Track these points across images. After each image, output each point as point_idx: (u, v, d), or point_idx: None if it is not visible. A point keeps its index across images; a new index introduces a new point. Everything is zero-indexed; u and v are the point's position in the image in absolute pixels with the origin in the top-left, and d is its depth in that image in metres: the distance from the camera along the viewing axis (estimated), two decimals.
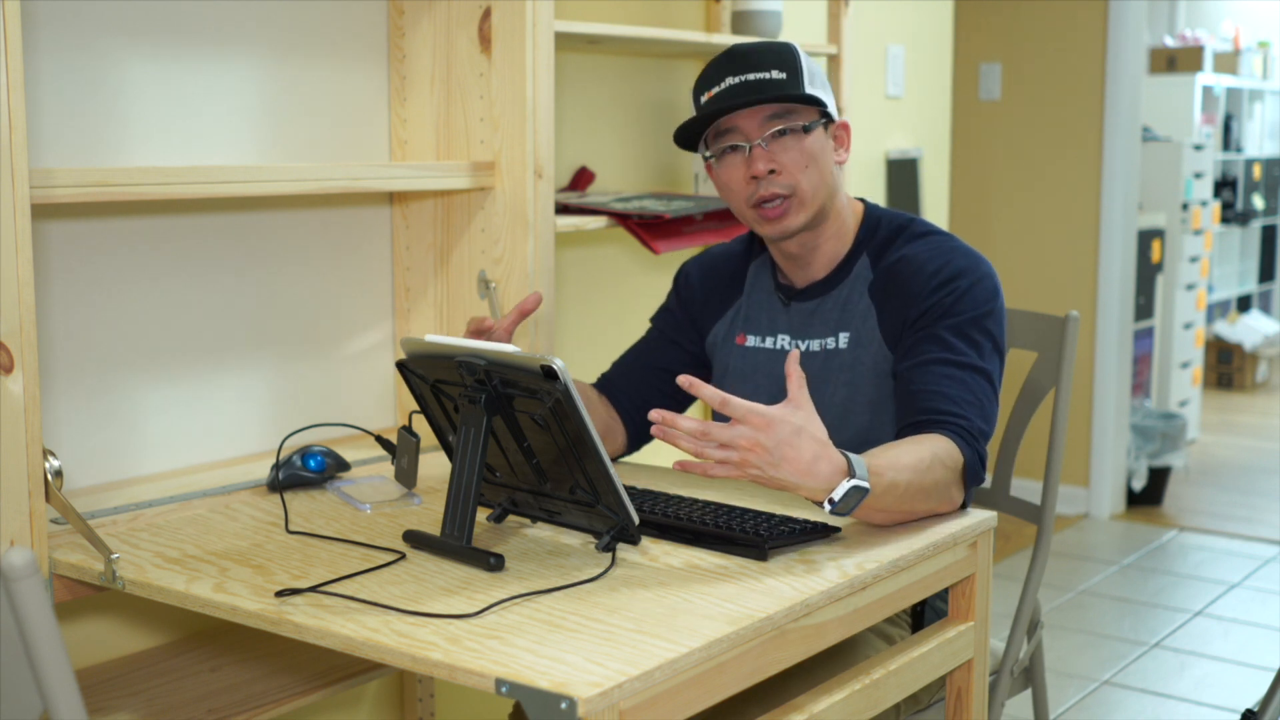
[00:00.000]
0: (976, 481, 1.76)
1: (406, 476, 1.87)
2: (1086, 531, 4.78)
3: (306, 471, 1.92)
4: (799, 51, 1.86)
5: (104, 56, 1.90)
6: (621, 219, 2.47)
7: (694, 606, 1.41)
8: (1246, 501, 5.17)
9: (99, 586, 1.60)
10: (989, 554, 1.76)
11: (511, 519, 1.74)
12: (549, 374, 1.46)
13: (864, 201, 1.98)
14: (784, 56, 1.84)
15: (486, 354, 1.54)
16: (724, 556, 1.58)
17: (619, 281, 2.87)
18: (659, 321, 2.10)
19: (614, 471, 1.52)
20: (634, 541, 1.60)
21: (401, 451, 1.87)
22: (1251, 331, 7.52)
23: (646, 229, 2.49)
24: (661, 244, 2.49)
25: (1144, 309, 5.37)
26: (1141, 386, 5.46)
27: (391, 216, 2.33)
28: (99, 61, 1.90)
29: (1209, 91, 7.03)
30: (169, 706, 1.81)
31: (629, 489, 1.67)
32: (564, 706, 1.18)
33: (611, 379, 2.07)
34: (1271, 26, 8.45)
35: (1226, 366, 7.53)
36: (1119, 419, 4.95)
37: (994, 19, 5.02)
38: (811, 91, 1.83)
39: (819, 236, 1.91)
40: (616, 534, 1.57)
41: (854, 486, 1.54)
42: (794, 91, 1.81)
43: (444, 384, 1.64)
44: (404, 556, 1.59)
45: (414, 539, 1.63)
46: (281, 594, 1.46)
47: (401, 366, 1.69)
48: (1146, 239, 5.33)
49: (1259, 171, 7.90)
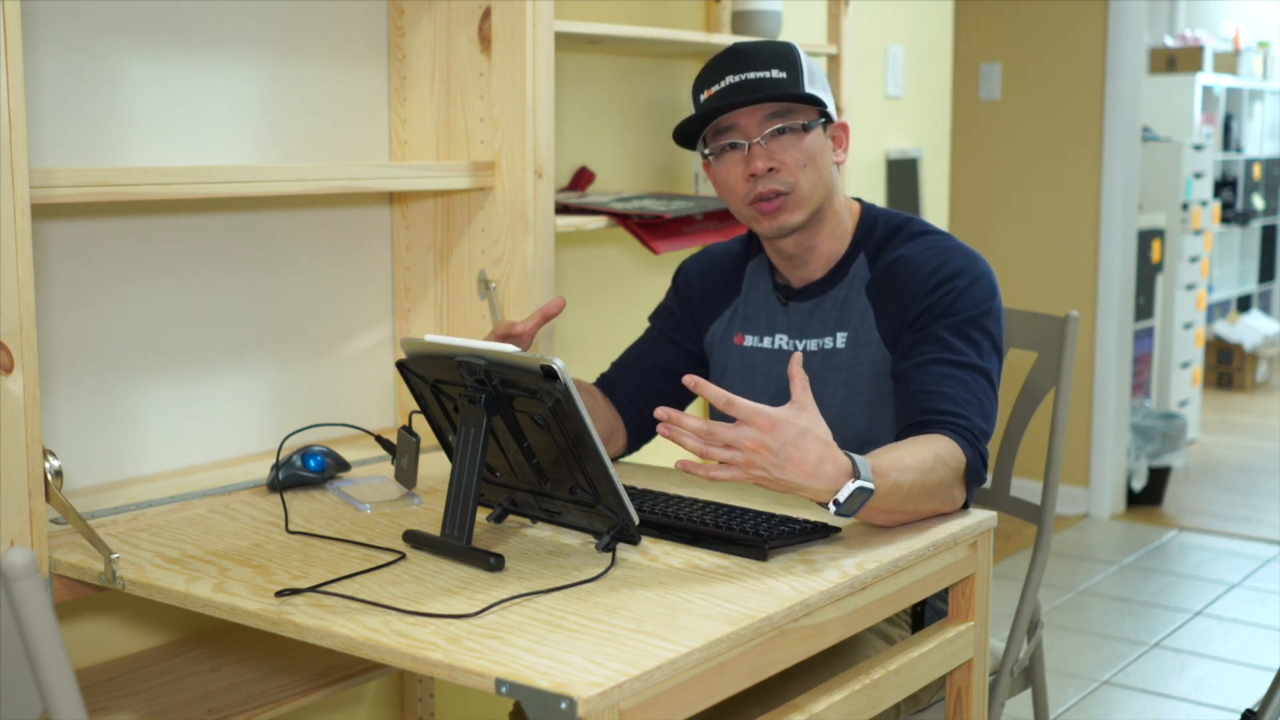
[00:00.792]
0: (978, 481, 1.76)
1: (406, 476, 1.87)
2: (1086, 531, 4.78)
3: (306, 471, 1.92)
4: (799, 51, 1.86)
5: (104, 56, 1.90)
6: (621, 219, 2.47)
7: (694, 606, 1.41)
8: (1246, 501, 5.17)
9: (99, 586, 1.60)
10: (989, 554, 1.76)
11: (511, 519, 1.74)
12: (549, 374, 1.46)
13: (861, 201, 1.98)
14: (784, 56, 1.84)
15: (486, 354, 1.54)
16: (724, 556, 1.58)
17: (619, 281, 2.87)
18: (658, 320, 2.10)
19: (614, 471, 1.52)
20: (634, 541, 1.60)
21: (401, 451, 1.87)
22: (1251, 331, 7.52)
23: (646, 229, 2.49)
24: (661, 244, 2.49)
25: (1144, 309, 5.37)
26: (1141, 386, 5.46)
27: (391, 216, 2.33)
28: (99, 61, 1.90)
29: (1209, 91, 7.03)
30: (169, 706, 1.81)
31: (629, 489, 1.67)
32: (564, 706, 1.18)
33: (611, 379, 2.07)
34: (1271, 26, 8.45)
35: (1226, 366, 7.53)
36: (1119, 419, 4.95)
37: (994, 19, 5.02)
38: (811, 91, 1.83)
39: (816, 236, 1.91)
40: (616, 534, 1.57)
41: (859, 488, 1.54)
42: (794, 90, 1.81)
43: (444, 384, 1.64)
44: (404, 556, 1.59)
45: (414, 539, 1.63)
46: (281, 594, 1.46)
47: (401, 366, 1.69)
48: (1146, 239, 5.33)
49: (1259, 171, 7.90)
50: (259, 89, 2.11)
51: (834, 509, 1.55)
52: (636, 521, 1.56)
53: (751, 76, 1.82)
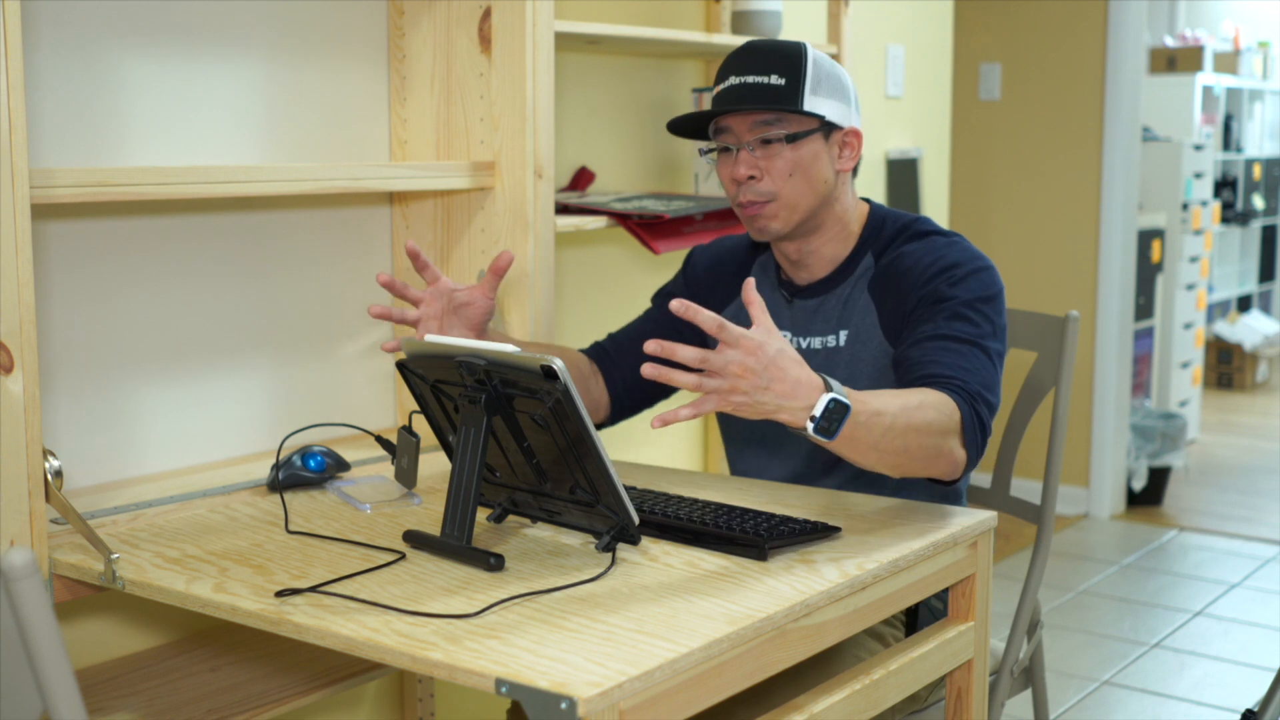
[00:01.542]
0: (979, 441, 1.72)
1: (406, 476, 1.87)
2: (1086, 531, 4.78)
3: (306, 471, 1.92)
4: (807, 56, 1.85)
5: (104, 56, 1.90)
6: (621, 219, 2.47)
7: (694, 606, 1.41)
8: (1246, 501, 5.17)
9: (99, 586, 1.60)
10: (989, 554, 1.76)
11: (511, 519, 1.74)
12: (549, 374, 1.46)
13: (870, 202, 1.98)
14: (789, 61, 1.83)
15: (486, 354, 1.54)
16: (724, 556, 1.58)
17: (619, 281, 2.87)
18: (662, 304, 2.10)
19: (614, 471, 1.52)
20: (634, 541, 1.60)
21: (401, 451, 1.87)
22: (1251, 331, 7.52)
23: (646, 229, 2.49)
24: (661, 244, 2.49)
25: (1144, 309, 5.37)
26: (1141, 386, 5.46)
27: (391, 216, 2.33)
28: (99, 61, 1.90)
29: (1209, 91, 7.03)
30: (169, 706, 1.81)
31: (629, 489, 1.67)
32: (564, 706, 1.18)
33: (606, 350, 2.07)
34: (1271, 26, 8.45)
35: (1226, 366, 7.53)
36: (1119, 419, 4.95)
37: (994, 19, 5.02)
38: (812, 100, 1.82)
39: (814, 241, 1.92)
40: (616, 534, 1.57)
41: (832, 399, 1.51)
42: (784, 104, 1.81)
43: (444, 384, 1.64)
44: (404, 556, 1.59)
45: (414, 539, 1.63)
46: (281, 594, 1.46)
47: (401, 366, 1.69)
48: (1146, 239, 5.33)
49: (1259, 171, 7.90)
50: (259, 89, 2.11)
51: (811, 427, 1.51)
52: (636, 521, 1.56)
53: (750, 80, 1.82)
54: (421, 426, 1.88)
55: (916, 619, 1.88)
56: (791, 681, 1.62)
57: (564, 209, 2.45)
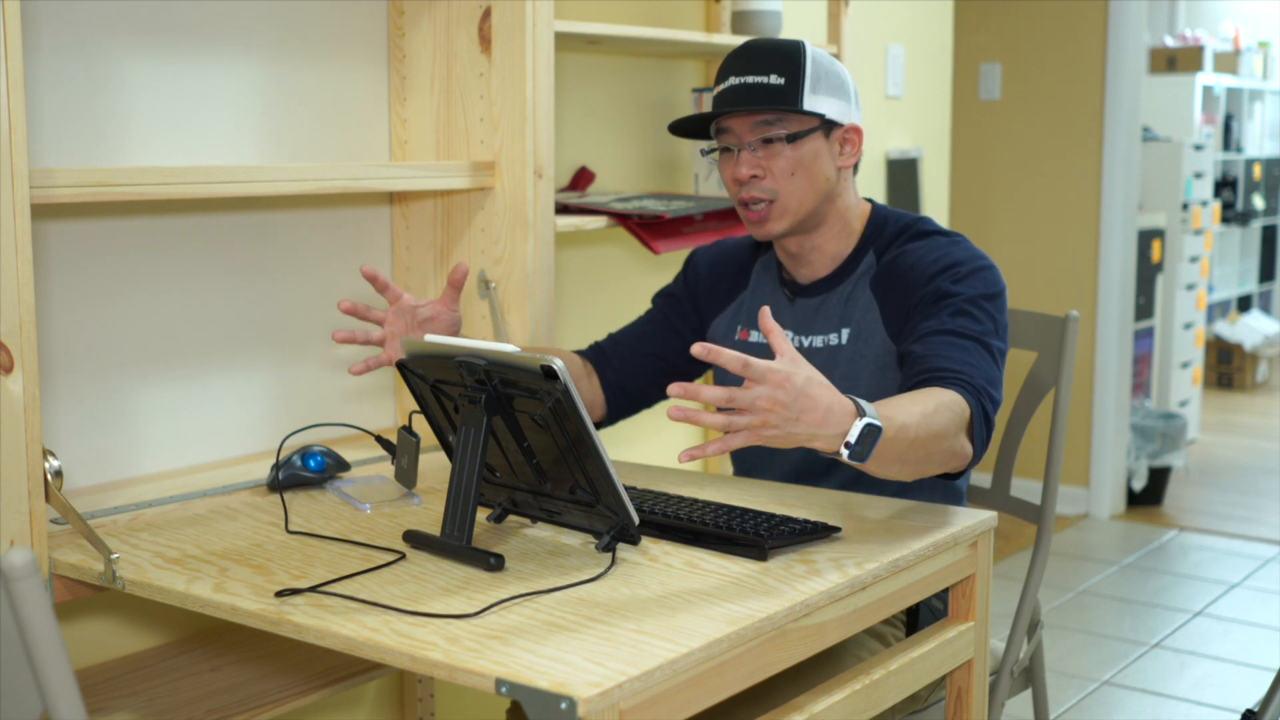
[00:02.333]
0: (985, 435, 1.72)
1: (406, 476, 1.87)
2: (1086, 531, 4.78)
3: (306, 471, 1.92)
4: (806, 54, 1.85)
5: (104, 56, 1.90)
6: (621, 219, 2.47)
7: (694, 606, 1.41)
8: (1246, 501, 5.17)
9: (99, 586, 1.60)
10: (989, 554, 1.76)
11: (511, 519, 1.74)
12: (549, 374, 1.46)
13: (872, 202, 1.98)
14: (788, 60, 1.84)
15: (486, 354, 1.54)
16: (724, 556, 1.58)
17: (619, 281, 2.87)
18: (663, 305, 2.10)
19: (614, 471, 1.52)
20: (634, 541, 1.60)
21: (401, 451, 1.87)
22: (1251, 331, 7.52)
23: (646, 229, 2.49)
24: (661, 244, 2.49)
25: (1144, 309, 5.37)
26: (1141, 386, 5.46)
27: (391, 216, 2.33)
28: (99, 61, 1.90)
29: (1209, 91, 7.03)
30: (169, 706, 1.81)
31: (629, 489, 1.67)
32: (564, 706, 1.18)
33: (605, 351, 2.07)
34: (1271, 26, 8.45)
35: (1226, 366, 7.53)
36: (1119, 419, 4.95)
37: (994, 19, 5.02)
38: (812, 98, 1.83)
39: (817, 238, 1.92)
40: (616, 534, 1.57)
41: (867, 424, 1.50)
42: (785, 102, 1.82)
43: (444, 384, 1.64)
44: (404, 556, 1.59)
45: (414, 539, 1.63)
46: (281, 594, 1.46)
47: (401, 366, 1.69)
48: (1146, 239, 5.33)
49: (1259, 171, 7.90)
50: (259, 89, 2.11)
51: (846, 453, 1.51)
52: (636, 521, 1.56)
53: (750, 80, 1.83)
54: (421, 426, 1.88)
55: (917, 619, 1.88)
56: (792, 681, 1.62)
57: (564, 209, 2.45)
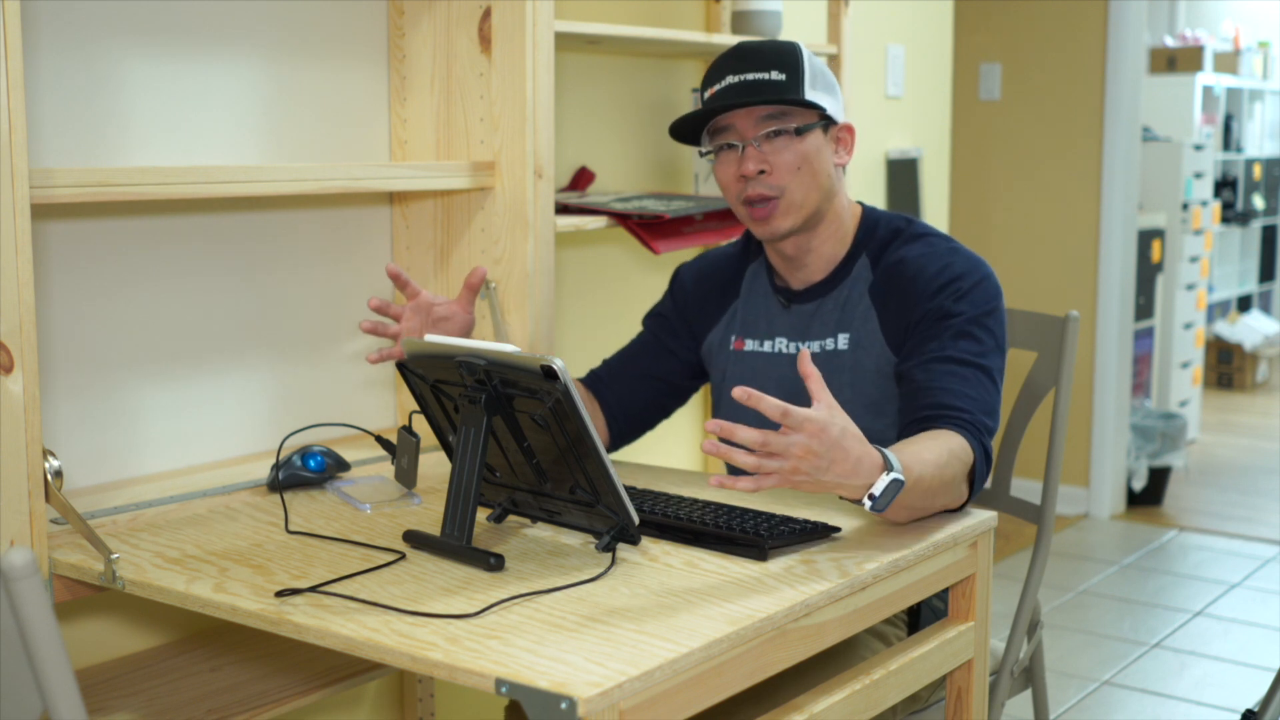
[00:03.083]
0: (982, 479, 1.76)
1: (406, 476, 1.87)
2: (1086, 531, 4.78)
3: (306, 471, 1.92)
4: (803, 52, 1.86)
5: (104, 56, 1.90)
6: (621, 219, 2.47)
7: (694, 606, 1.41)
8: (1246, 501, 5.17)
9: (99, 586, 1.60)
10: (989, 554, 1.76)
11: (511, 519, 1.74)
12: (549, 374, 1.46)
13: (861, 204, 1.98)
14: (786, 57, 1.84)
15: (486, 354, 1.54)
16: (724, 556, 1.58)
17: (619, 281, 2.87)
18: (653, 326, 2.09)
19: (614, 471, 1.52)
20: (634, 541, 1.60)
21: (401, 451, 1.87)
22: (1251, 331, 7.52)
23: (646, 229, 2.49)
24: (661, 244, 2.49)
25: (1144, 309, 5.37)
26: (1141, 386, 5.46)
27: (391, 216, 2.33)
28: (99, 61, 1.90)
29: (1209, 91, 7.03)
30: (169, 706, 1.81)
31: (629, 489, 1.67)
32: (564, 706, 1.18)
33: (601, 378, 2.07)
34: (1271, 26, 8.45)
35: (1226, 366, 7.53)
36: (1119, 419, 4.95)
37: (994, 19, 5.02)
38: (812, 94, 1.83)
39: (815, 239, 1.91)
40: (616, 534, 1.57)
41: (893, 480, 1.54)
42: (789, 95, 1.82)
43: (444, 384, 1.64)
44: (404, 556, 1.59)
45: (414, 539, 1.63)
46: (281, 594, 1.46)
47: (401, 366, 1.69)
48: (1146, 239, 5.33)
49: (1259, 171, 7.90)
50: (259, 89, 2.11)
51: (869, 504, 1.54)
52: (636, 521, 1.56)
53: (750, 78, 1.83)
54: (421, 426, 1.88)
55: (919, 619, 1.88)
56: (795, 681, 1.63)
57: (564, 209, 2.45)
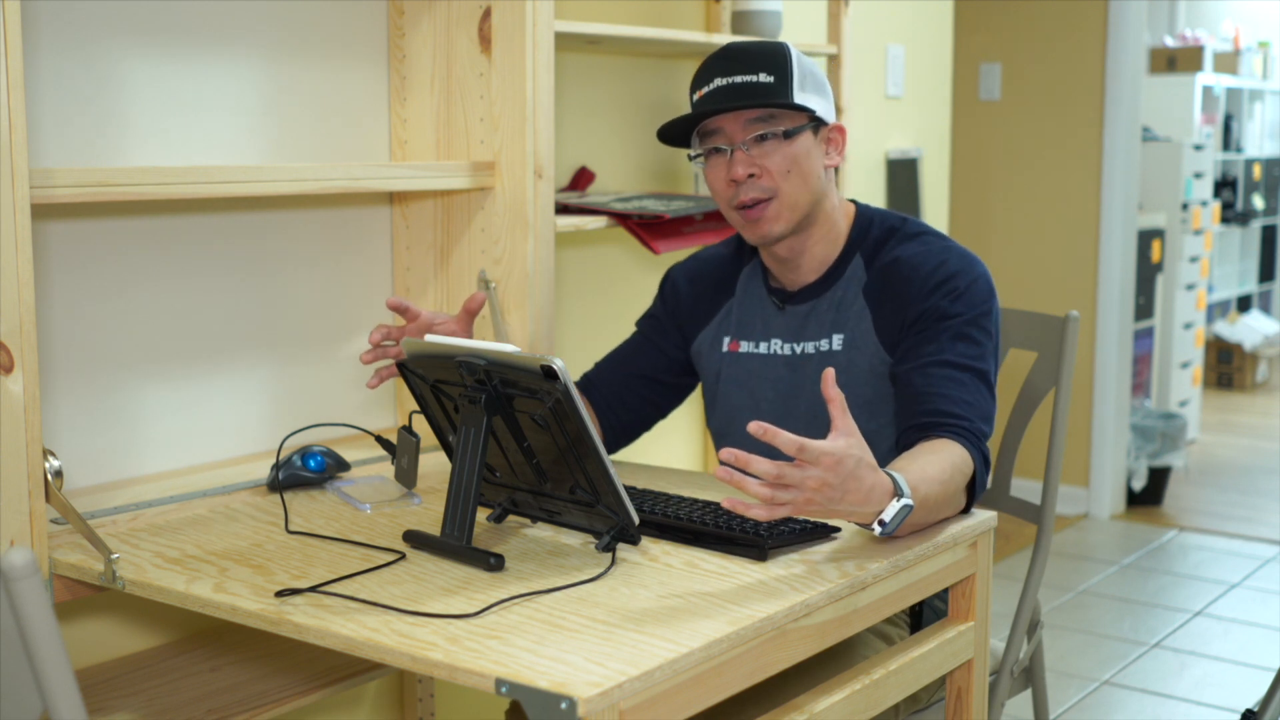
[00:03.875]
0: (982, 486, 1.76)
1: (406, 476, 1.87)
2: (1086, 531, 4.78)
3: (306, 471, 1.92)
4: (791, 53, 1.85)
5: (104, 56, 1.90)
6: (621, 219, 2.47)
7: (694, 606, 1.41)
8: (1246, 501, 5.17)
9: (99, 586, 1.60)
10: (989, 554, 1.76)
11: (511, 519, 1.74)
12: (549, 374, 1.46)
13: (855, 203, 1.98)
14: (774, 58, 1.83)
15: (486, 354, 1.54)
16: (724, 556, 1.58)
17: (619, 281, 2.87)
18: (644, 326, 2.09)
19: (614, 471, 1.52)
20: (634, 541, 1.60)
21: (401, 451, 1.87)
22: (1251, 331, 7.52)
23: (646, 229, 2.49)
24: (661, 244, 2.49)
25: (1144, 309, 5.37)
26: (1141, 386, 5.46)
27: (391, 216, 2.33)
28: (99, 61, 1.90)
29: (1209, 91, 7.03)
30: (169, 706, 1.81)
31: (629, 489, 1.67)
32: (564, 706, 1.18)
33: (593, 380, 2.06)
34: (1271, 26, 8.45)
35: (1226, 366, 7.53)
36: (1119, 419, 4.95)
37: (994, 19, 5.02)
38: (800, 95, 1.82)
39: (807, 240, 1.91)
40: (616, 534, 1.57)
41: (904, 506, 1.54)
42: (777, 98, 1.81)
43: (444, 384, 1.64)
44: (404, 556, 1.59)
45: (414, 539, 1.63)
46: (281, 594, 1.46)
47: (401, 366, 1.69)
48: (1146, 239, 5.33)
49: (1259, 171, 7.90)
50: (259, 89, 2.11)
51: (879, 530, 1.55)
52: (636, 521, 1.56)
53: (738, 80, 1.82)
54: (421, 426, 1.88)
55: (921, 620, 1.88)
56: (798, 681, 1.63)
57: (564, 209, 2.45)
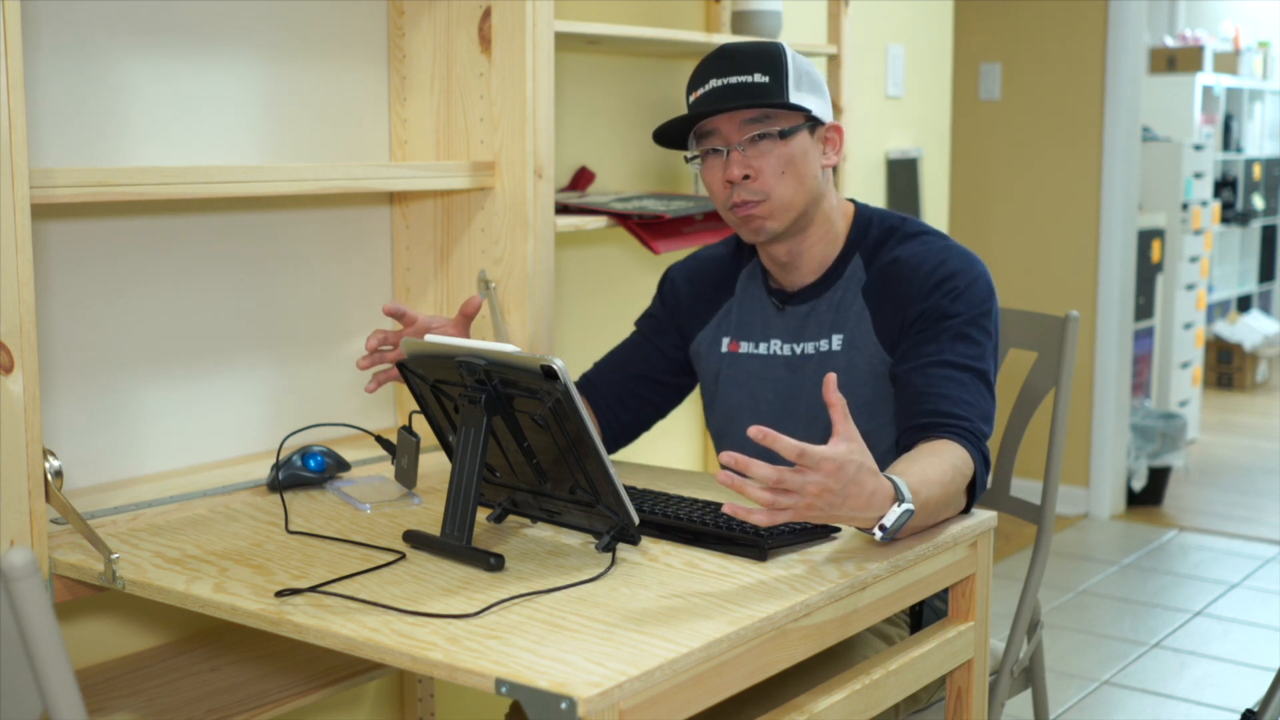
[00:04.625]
0: (982, 487, 1.76)
1: (406, 476, 1.87)
2: (1086, 531, 4.78)
3: (306, 471, 1.92)
4: (786, 53, 1.84)
5: (104, 56, 1.90)
6: (621, 219, 2.47)
7: (694, 606, 1.41)
8: (1246, 501, 5.17)
9: (99, 586, 1.60)
10: (989, 554, 1.76)
11: (511, 519, 1.74)
12: (549, 374, 1.46)
13: (854, 202, 1.98)
14: (770, 59, 1.83)
15: (486, 354, 1.54)
16: (724, 556, 1.58)
17: (619, 281, 2.87)
18: (643, 326, 2.09)
19: (614, 471, 1.52)
20: (634, 541, 1.60)
21: (401, 451, 1.87)
22: (1251, 331, 7.52)
23: (646, 229, 2.49)
24: (661, 244, 2.49)
25: (1144, 309, 5.37)
26: (1141, 386, 5.46)
27: (391, 216, 2.33)
28: (99, 61, 1.90)
29: (1209, 91, 7.03)
30: (169, 706, 1.81)
31: (629, 489, 1.67)
32: (564, 706, 1.18)
33: (592, 380, 2.06)
34: (1271, 26, 8.45)
35: (1226, 366, 7.53)
36: (1119, 419, 4.95)
37: (994, 19, 5.02)
38: (796, 95, 1.82)
39: (805, 241, 1.91)
40: (616, 534, 1.57)
41: (905, 510, 1.54)
42: (773, 99, 1.80)
43: (444, 384, 1.64)
44: (404, 556, 1.59)
45: (414, 539, 1.63)
46: (281, 594, 1.46)
47: (401, 366, 1.69)
48: (1146, 239, 5.33)
49: (1259, 171, 7.90)
50: (259, 89, 2.11)
51: (880, 535, 1.55)
52: (636, 521, 1.56)
53: (734, 81, 1.81)
54: (421, 426, 1.88)
55: (920, 619, 1.88)
56: (795, 681, 1.63)
57: (564, 209, 2.45)
